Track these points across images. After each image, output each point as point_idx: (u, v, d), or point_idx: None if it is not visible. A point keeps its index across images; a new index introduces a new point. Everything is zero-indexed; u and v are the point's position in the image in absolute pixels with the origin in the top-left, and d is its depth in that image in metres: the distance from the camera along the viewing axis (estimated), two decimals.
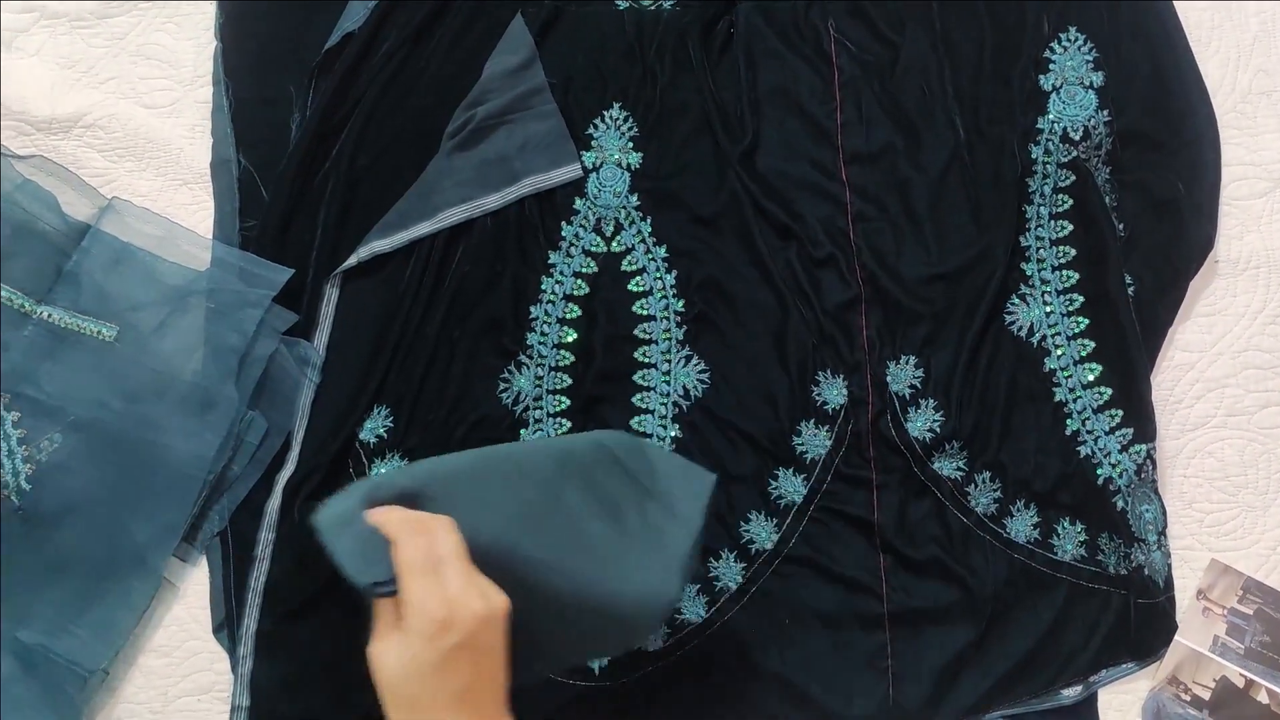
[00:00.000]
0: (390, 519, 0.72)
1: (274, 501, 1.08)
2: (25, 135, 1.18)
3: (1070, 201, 1.13)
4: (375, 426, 1.09)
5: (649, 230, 1.14)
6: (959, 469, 1.09)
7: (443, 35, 1.18)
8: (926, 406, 1.10)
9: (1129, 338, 1.09)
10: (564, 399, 1.11)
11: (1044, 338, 1.11)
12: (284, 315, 1.11)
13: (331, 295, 1.12)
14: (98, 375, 1.08)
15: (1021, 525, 1.09)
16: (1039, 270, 1.13)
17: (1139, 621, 1.06)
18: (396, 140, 1.16)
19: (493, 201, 1.12)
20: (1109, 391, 1.09)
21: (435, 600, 0.68)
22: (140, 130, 1.18)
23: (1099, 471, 1.08)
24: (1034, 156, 1.14)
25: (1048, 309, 1.12)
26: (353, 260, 1.11)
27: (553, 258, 1.13)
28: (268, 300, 1.10)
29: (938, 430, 1.09)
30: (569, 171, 1.13)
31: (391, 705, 0.69)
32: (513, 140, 1.12)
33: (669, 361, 1.11)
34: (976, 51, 1.17)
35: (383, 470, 1.09)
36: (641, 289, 1.13)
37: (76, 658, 1.04)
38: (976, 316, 1.11)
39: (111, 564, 1.06)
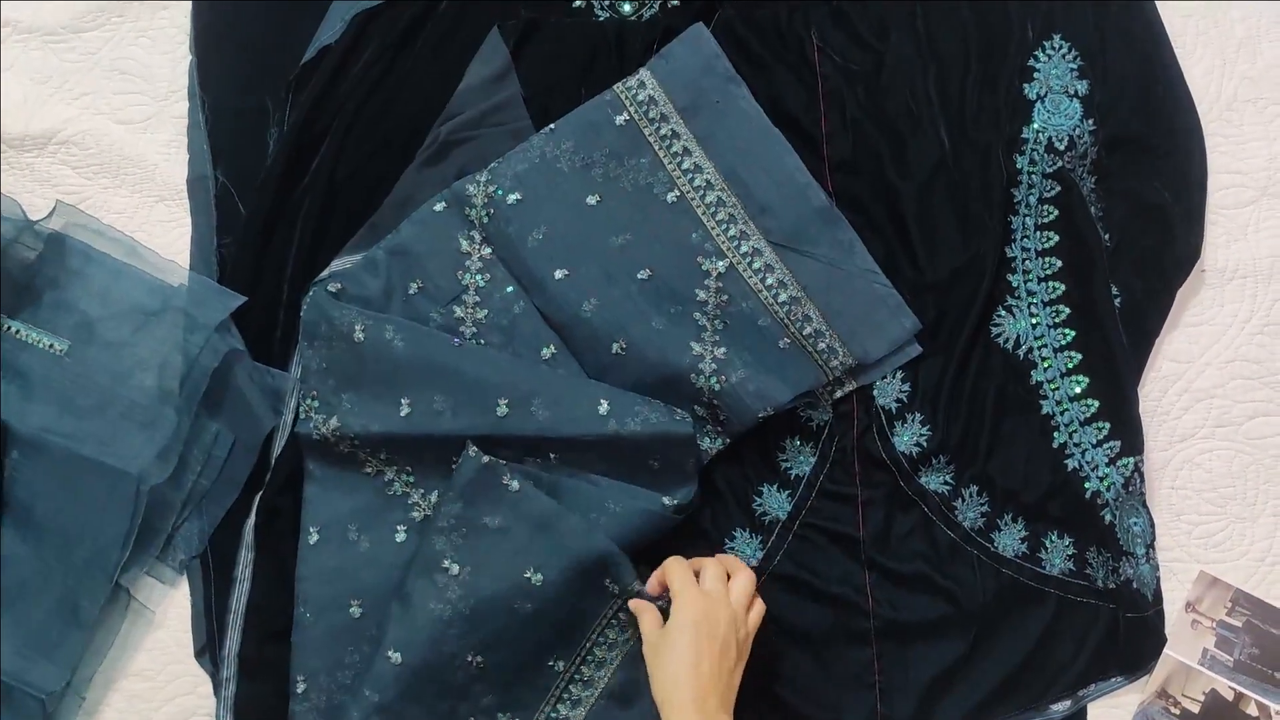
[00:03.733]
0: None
1: (251, 520, 1.07)
2: None
3: (1056, 212, 1.12)
4: None
5: None
6: (946, 483, 1.09)
7: (421, 48, 1.16)
8: (913, 420, 1.09)
9: (1116, 349, 1.09)
10: None
11: (1030, 350, 1.11)
12: (235, 333, 1.11)
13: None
14: (46, 390, 1.08)
15: (1010, 539, 1.08)
16: (1025, 281, 1.12)
17: (1128, 635, 1.06)
18: (375, 154, 1.15)
19: None
20: (1096, 404, 1.09)
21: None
22: (115, 146, 1.17)
23: (1087, 485, 1.08)
24: (1019, 166, 1.13)
25: (1034, 321, 1.11)
26: (326, 274, 1.10)
27: None
28: (216, 323, 1.09)
29: (924, 444, 1.09)
30: None
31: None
32: (482, 156, 1.11)
33: None
34: (961, 58, 1.16)
35: None
36: None
37: (30, 680, 1.04)
38: (964, 328, 1.10)
39: (58, 582, 1.05)
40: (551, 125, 1.10)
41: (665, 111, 1.09)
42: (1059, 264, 1.12)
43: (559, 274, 1.07)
